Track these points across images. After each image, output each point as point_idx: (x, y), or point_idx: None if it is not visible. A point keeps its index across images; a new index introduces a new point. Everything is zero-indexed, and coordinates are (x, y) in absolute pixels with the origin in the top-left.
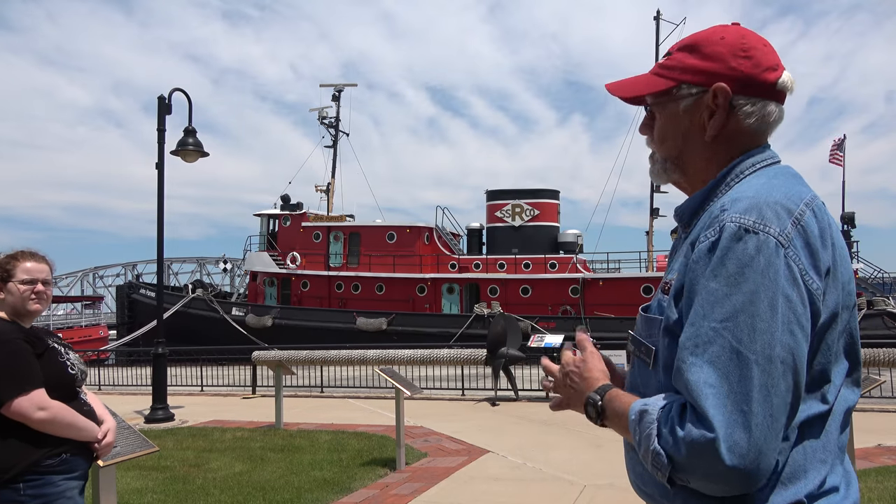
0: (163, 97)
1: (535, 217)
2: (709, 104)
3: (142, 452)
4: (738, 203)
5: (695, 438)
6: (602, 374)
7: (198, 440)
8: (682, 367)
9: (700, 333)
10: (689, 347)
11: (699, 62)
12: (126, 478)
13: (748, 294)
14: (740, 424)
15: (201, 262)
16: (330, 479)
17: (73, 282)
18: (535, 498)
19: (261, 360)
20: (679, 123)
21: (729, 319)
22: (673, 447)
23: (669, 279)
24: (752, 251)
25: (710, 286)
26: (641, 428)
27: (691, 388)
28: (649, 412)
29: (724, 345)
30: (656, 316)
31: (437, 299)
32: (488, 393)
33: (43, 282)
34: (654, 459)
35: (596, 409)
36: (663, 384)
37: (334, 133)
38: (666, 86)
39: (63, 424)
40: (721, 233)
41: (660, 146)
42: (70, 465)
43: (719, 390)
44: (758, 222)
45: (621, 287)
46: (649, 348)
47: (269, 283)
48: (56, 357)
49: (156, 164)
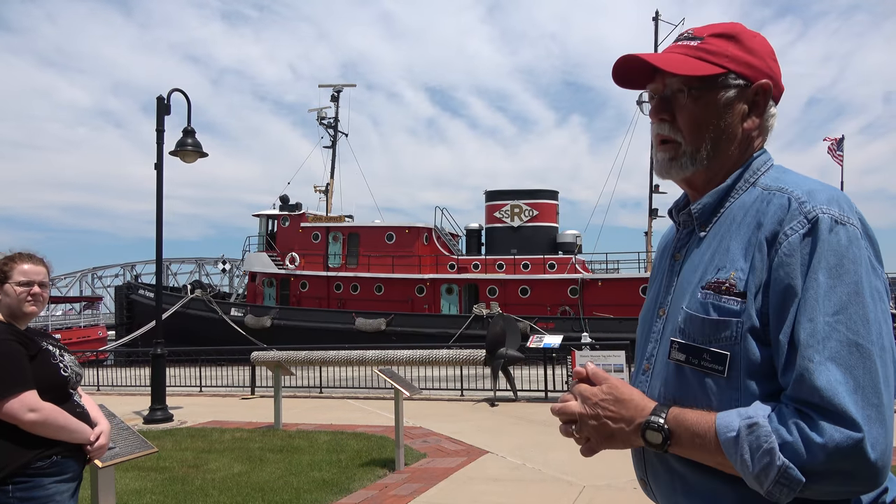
0: (161, 98)
1: (534, 217)
2: (753, 98)
3: (140, 453)
4: (817, 195)
5: (839, 442)
6: (641, 394)
7: (197, 441)
8: (809, 366)
9: (818, 329)
10: (812, 345)
11: (744, 54)
12: (125, 479)
13: (853, 285)
14: (875, 420)
15: (200, 262)
16: (329, 480)
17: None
18: (535, 499)
19: (260, 361)
20: (719, 114)
21: (840, 312)
22: (808, 456)
23: (726, 278)
24: (845, 242)
25: (819, 279)
26: (752, 444)
27: (823, 388)
28: (760, 424)
29: (841, 338)
30: (725, 318)
31: (435, 300)
32: (487, 393)
33: (39, 284)
34: (781, 476)
35: (662, 432)
36: (743, 392)
37: (333, 133)
38: (714, 71)
39: (55, 426)
40: (814, 224)
41: (693, 135)
42: (61, 467)
43: (847, 386)
44: (842, 214)
45: (620, 288)
46: (721, 355)
47: (268, 284)
48: (49, 359)
49: (155, 164)
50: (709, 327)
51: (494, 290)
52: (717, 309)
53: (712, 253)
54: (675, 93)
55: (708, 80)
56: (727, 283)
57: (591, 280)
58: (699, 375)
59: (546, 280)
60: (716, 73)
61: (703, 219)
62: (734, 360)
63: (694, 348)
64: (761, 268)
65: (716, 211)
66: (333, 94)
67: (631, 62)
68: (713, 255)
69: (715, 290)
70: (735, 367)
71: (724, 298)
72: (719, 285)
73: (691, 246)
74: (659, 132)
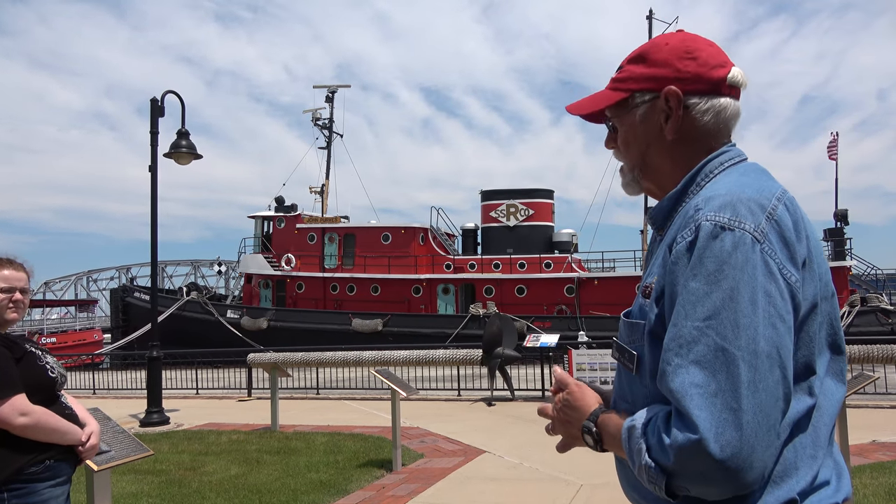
0: (155, 99)
1: (530, 217)
2: (662, 108)
3: (136, 456)
4: (712, 201)
5: (680, 443)
6: (593, 399)
7: (193, 443)
8: (667, 369)
9: (683, 334)
10: (672, 349)
11: (647, 69)
12: (121, 482)
13: (728, 291)
14: (730, 423)
15: (196, 264)
16: (326, 481)
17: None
18: (532, 498)
19: (256, 363)
20: (638, 131)
21: (711, 318)
22: (662, 456)
23: (649, 283)
24: (728, 248)
25: (691, 285)
26: (632, 445)
27: (676, 391)
28: (636, 427)
29: (709, 343)
30: (639, 321)
31: (432, 300)
32: (484, 393)
33: (21, 290)
34: (648, 474)
35: (592, 435)
36: (650, 390)
37: (328, 134)
38: (619, 98)
39: (46, 429)
40: (697, 232)
41: (625, 156)
42: (54, 471)
43: (706, 389)
44: (733, 219)
45: (616, 286)
46: (632, 354)
47: (264, 286)
48: (35, 360)
49: (149, 166)
50: (627, 328)
51: (491, 290)
52: (640, 311)
53: (655, 257)
54: (612, 123)
55: (619, 106)
56: (648, 287)
57: (588, 279)
58: (626, 373)
59: (542, 279)
60: (623, 98)
61: (657, 223)
62: (641, 359)
63: (621, 347)
64: (662, 274)
65: (670, 216)
66: (328, 94)
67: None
68: (655, 259)
69: (642, 293)
70: (642, 367)
71: (643, 302)
72: (644, 289)
73: (653, 250)
74: (615, 158)
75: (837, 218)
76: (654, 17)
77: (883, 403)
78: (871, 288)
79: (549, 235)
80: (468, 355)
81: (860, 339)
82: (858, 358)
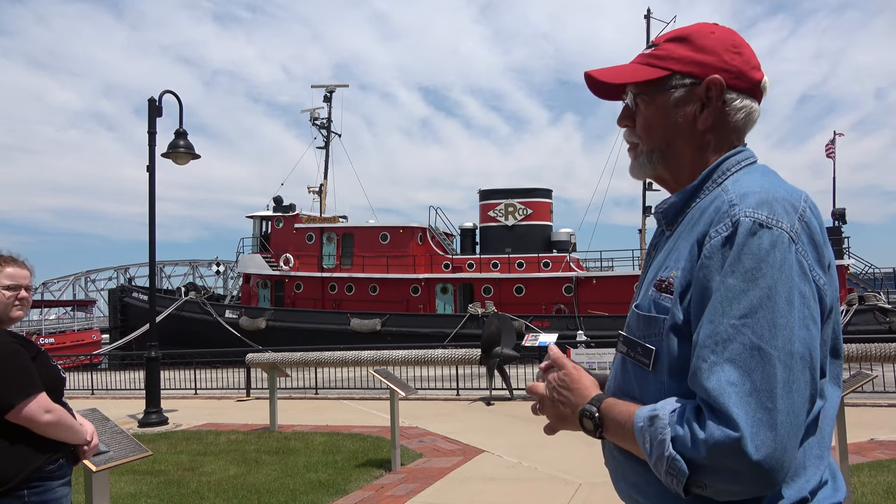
0: (153, 99)
1: (528, 216)
2: (701, 96)
3: (135, 457)
4: (748, 198)
5: (718, 439)
6: (592, 384)
7: (192, 443)
8: (702, 366)
9: (719, 331)
10: (708, 346)
11: (693, 53)
12: (120, 482)
13: (766, 290)
14: (765, 423)
15: (194, 264)
16: (325, 481)
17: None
18: (531, 497)
19: (255, 363)
20: (669, 115)
21: (748, 316)
22: (692, 450)
23: (667, 276)
24: (766, 246)
25: (729, 282)
26: (653, 434)
27: (712, 388)
28: (660, 417)
29: (745, 342)
30: (657, 315)
31: (430, 299)
32: (483, 393)
33: (25, 288)
34: (669, 466)
35: (593, 420)
36: (666, 386)
37: (326, 134)
38: (657, 75)
39: (65, 426)
40: (736, 227)
41: (646, 137)
42: (65, 470)
43: (741, 388)
44: (770, 217)
45: (615, 285)
46: (648, 349)
47: (263, 286)
48: (49, 360)
49: (147, 166)
50: (643, 322)
51: (489, 290)
52: (655, 306)
53: (667, 252)
54: (634, 100)
55: (653, 84)
56: (666, 281)
57: (586, 278)
58: (635, 368)
59: (541, 279)
60: (660, 76)
61: (668, 218)
62: (659, 355)
63: (632, 342)
64: (690, 269)
65: (682, 211)
66: (326, 94)
67: (589, 78)
68: (668, 254)
69: (657, 287)
70: (659, 362)
71: (662, 296)
72: (661, 283)
73: (660, 245)
74: (626, 138)
75: (835, 217)
76: (652, 17)
77: (881, 402)
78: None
79: (547, 235)
80: (467, 355)
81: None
82: (856, 356)
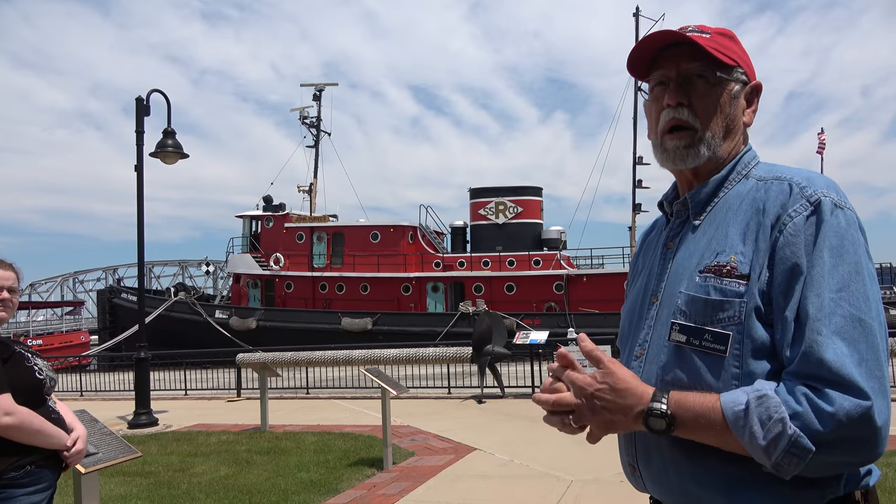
0: (141, 98)
1: (519, 214)
2: (747, 94)
3: (125, 458)
4: (816, 181)
5: (850, 410)
6: (634, 378)
7: (182, 444)
8: (818, 339)
9: (825, 304)
10: (820, 318)
11: (744, 55)
12: (109, 484)
13: (853, 265)
14: (879, 391)
15: (183, 264)
16: (317, 481)
17: (52, 287)
18: (523, 495)
19: (245, 363)
20: (730, 103)
21: (842, 290)
22: (818, 425)
23: (726, 261)
24: (844, 225)
25: (825, 256)
26: (762, 415)
27: (831, 360)
28: (769, 395)
29: (845, 314)
30: (733, 299)
31: (421, 298)
32: (474, 391)
33: (9, 289)
34: (791, 445)
35: (664, 418)
36: (745, 370)
37: (316, 133)
38: (732, 63)
39: (29, 430)
40: (816, 206)
41: (712, 120)
42: (35, 477)
43: (853, 358)
44: (841, 199)
45: (605, 283)
46: (723, 335)
47: (253, 285)
48: (23, 362)
49: (135, 166)
50: (710, 308)
51: (480, 288)
52: (718, 290)
53: (709, 239)
54: (693, 78)
55: (728, 70)
56: (728, 265)
57: (577, 276)
58: (700, 355)
59: (531, 276)
60: (732, 65)
61: (698, 207)
62: (736, 339)
63: (695, 329)
64: (765, 249)
65: (710, 200)
66: (316, 93)
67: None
68: (710, 241)
69: (715, 272)
70: (737, 347)
71: (725, 280)
72: (720, 268)
73: (685, 234)
74: (676, 117)
75: None
76: (641, 15)
77: None
78: None
79: (537, 233)
80: (458, 353)
81: None
82: None
